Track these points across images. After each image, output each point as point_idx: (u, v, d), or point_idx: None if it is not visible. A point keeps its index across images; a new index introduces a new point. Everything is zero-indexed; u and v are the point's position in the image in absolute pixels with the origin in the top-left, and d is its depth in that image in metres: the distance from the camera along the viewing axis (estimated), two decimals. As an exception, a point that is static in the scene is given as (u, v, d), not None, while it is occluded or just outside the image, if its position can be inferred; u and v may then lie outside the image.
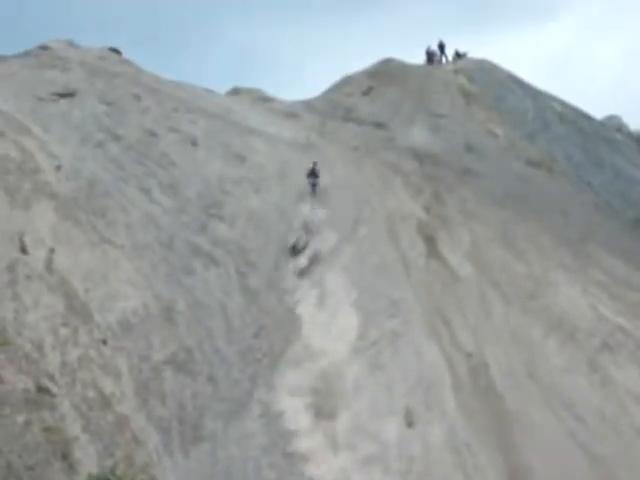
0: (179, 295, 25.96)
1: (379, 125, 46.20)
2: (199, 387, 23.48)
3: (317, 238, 31.90)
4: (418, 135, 45.05)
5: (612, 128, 57.53)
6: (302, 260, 30.39)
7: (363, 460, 22.87)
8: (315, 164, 35.94)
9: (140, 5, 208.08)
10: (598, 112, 60.15)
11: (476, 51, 61.71)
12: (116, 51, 42.97)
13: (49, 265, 23.10)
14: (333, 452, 22.97)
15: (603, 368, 29.00)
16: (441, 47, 57.49)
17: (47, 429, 18.40)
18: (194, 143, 34.88)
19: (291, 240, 31.36)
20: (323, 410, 24.28)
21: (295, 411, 24.11)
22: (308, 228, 32.29)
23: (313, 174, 35.68)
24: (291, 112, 46.43)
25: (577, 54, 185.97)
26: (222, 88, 52.04)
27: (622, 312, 31.99)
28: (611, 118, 60.88)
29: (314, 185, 35.49)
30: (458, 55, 57.89)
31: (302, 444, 23.07)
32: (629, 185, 47.72)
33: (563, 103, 54.57)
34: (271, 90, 54.07)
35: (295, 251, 30.82)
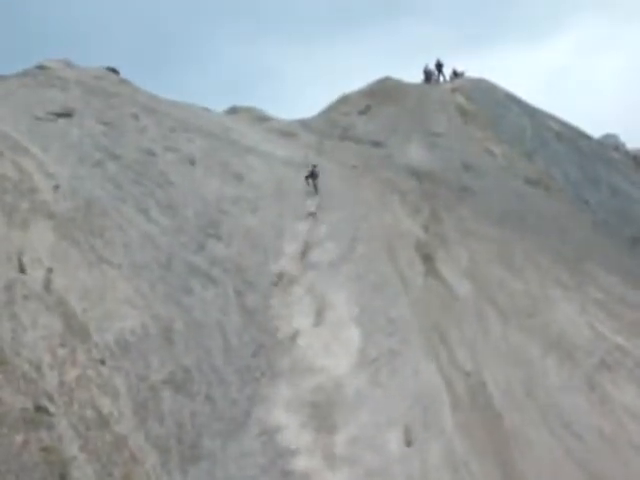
0: (177, 315, 25.91)
1: (377, 144, 46.35)
2: (197, 406, 23.40)
3: (315, 255, 31.91)
4: (416, 154, 45.20)
5: (609, 147, 57.92)
6: (297, 289, 30.35)
7: (362, 478, 22.80)
8: (315, 166, 36.45)
9: (139, 24, 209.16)
10: (595, 130, 60.59)
11: (474, 70, 61.88)
12: (114, 70, 42.95)
13: (47, 285, 23.06)
14: (332, 471, 22.89)
15: (601, 386, 29.04)
16: (439, 66, 57.77)
17: (45, 449, 18.34)
18: (192, 162, 34.90)
19: (280, 266, 31.27)
20: (322, 428, 24.20)
21: (294, 429, 24.03)
22: (306, 246, 32.33)
23: (313, 175, 36.18)
24: (289, 131, 46.56)
25: (574, 72, 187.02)
26: (220, 107, 52.26)
27: (620, 331, 32.07)
28: (608, 137, 61.31)
29: (315, 186, 35.96)
30: (456, 74, 58.17)
31: (301, 462, 22.98)
32: (626, 203, 47.95)
33: (561, 122, 54.85)
34: (269, 109, 54.35)
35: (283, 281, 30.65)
